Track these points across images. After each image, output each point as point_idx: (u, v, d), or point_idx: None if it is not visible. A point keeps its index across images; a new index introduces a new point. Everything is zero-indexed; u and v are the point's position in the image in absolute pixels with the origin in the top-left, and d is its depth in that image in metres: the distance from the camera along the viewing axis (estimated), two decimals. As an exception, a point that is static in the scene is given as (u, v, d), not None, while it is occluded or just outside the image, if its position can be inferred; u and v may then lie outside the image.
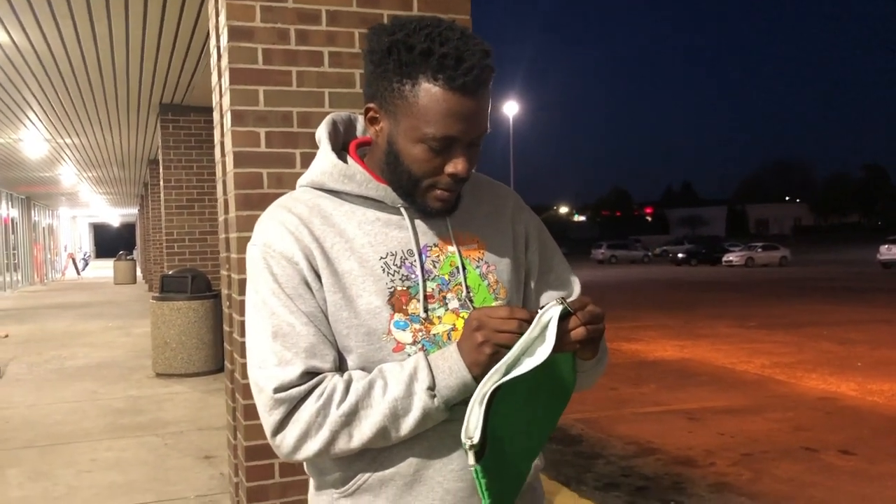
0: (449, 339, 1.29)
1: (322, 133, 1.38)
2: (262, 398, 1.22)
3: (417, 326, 1.28)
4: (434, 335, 1.28)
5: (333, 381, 1.21)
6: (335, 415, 1.19)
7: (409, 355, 1.27)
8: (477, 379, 1.19)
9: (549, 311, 1.15)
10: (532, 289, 1.47)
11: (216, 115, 3.39)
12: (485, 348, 1.17)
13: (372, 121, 1.27)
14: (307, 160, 3.04)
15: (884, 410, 6.88)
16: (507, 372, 1.13)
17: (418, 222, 1.33)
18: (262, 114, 3.01)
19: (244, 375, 3.01)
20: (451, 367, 1.20)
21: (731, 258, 45.23)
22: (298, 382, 1.20)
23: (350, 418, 1.19)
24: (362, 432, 1.19)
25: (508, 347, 1.16)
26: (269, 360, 1.22)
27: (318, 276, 1.26)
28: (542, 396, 1.24)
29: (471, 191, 1.39)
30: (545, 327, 1.15)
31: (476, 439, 1.11)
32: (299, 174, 1.42)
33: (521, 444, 1.25)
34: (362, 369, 1.27)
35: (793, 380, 8.43)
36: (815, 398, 7.51)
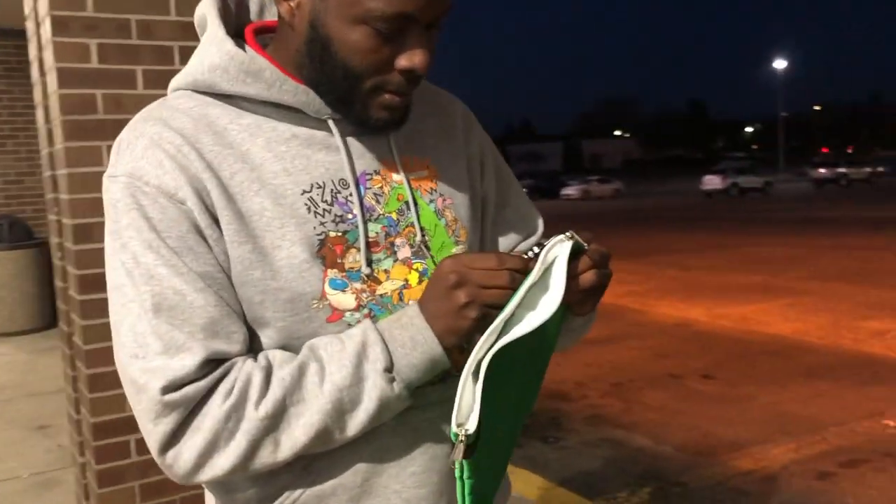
0: (401, 300, 0.97)
1: (208, 9, 0.99)
2: (144, 401, 0.86)
3: (359, 286, 0.94)
4: (381, 296, 0.96)
5: (246, 370, 0.88)
6: (253, 418, 0.86)
7: (350, 326, 0.94)
8: (450, 351, 0.89)
9: (555, 249, 0.86)
10: (488, 228, 1.15)
11: (30, 25, 2.77)
12: (469, 311, 0.87)
13: None
14: (153, 80, 2.53)
15: (732, 334, 7.19)
16: (503, 332, 0.82)
17: (351, 141, 0.98)
18: (92, 21, 2.46)
19: (87, 340, 2.52)
20: (413, 337, 0.90)
21: (569, 192, 47.09)
22: (196, 376, 0.86)
23: (275, 421, 0.87)
24: (294, 438, 0.87)
25: (498, 308, 0.85)
26: (150, 346, 0.86)
27: (216, 221, 0.90)
28: (530, 363, 0.93)
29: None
30: (547, 270, 0.86)
31: (472, 428, 0.81)
32: (145, 96, 1.00)
33: (507, 427, 0.94)
34: (284, 349, 0.93)
35: (647, 307, 8.69)
36: (671, 324, 7.77)
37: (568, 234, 0.87)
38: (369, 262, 0.96)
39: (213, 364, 0.87)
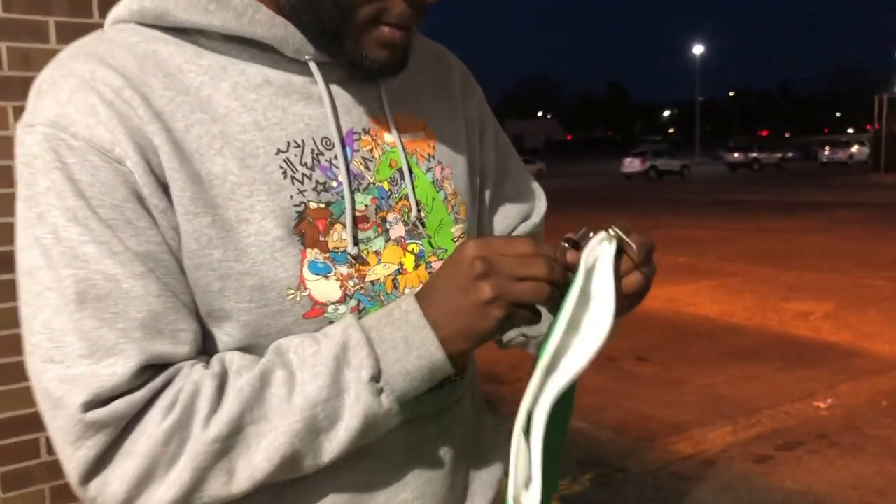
0: (395, 288, 0.80)
1: None
2: (61, 419, 0.67)
3: (346, 271, 0.76)
4: (372, 283, 0.78)
5: (194, 378, 0.69)
6: (202, 439, 0.68)
7: (332, 324, 0.76)
8: (455, 357, 0.72)
9: (596, 251, 0.69)
10: (485, 205, 0.98)
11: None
12: (493, 310, 0.69)
13: None
14: (67, 34, 2.24)
15: (663, 314, 7.22)
16: (552, 363, 0.66)
17: (336, 90, 0.79)
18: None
19: (-13, 326, 2.23)
20: (407, 338, 0.71)
21: (492, 171, 47.16)
22: (130, 386, 0.67)
23: (229, 443, 0.69)
24: (254, 466, 0.69)
25: (529, 307, 0.69)
26: (70, 348, 0.67)
27: (164, 187, 0.70)
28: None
29: None
30: (588, 278, 0.69)
31: (536, 500, 0.63)
32: (57, 51, 0.79)
33: (551, 472, 0.76)
34: (246, 350, 0.75)
35: (576, 288, 8.66)
36: (601, 305, 7.75)
37: (611, 231, 0.70)
38: (356, 241, 0.77)
39: (153, 371, 0.68)
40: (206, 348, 0.76)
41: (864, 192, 21.97)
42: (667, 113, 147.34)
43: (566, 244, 0.71)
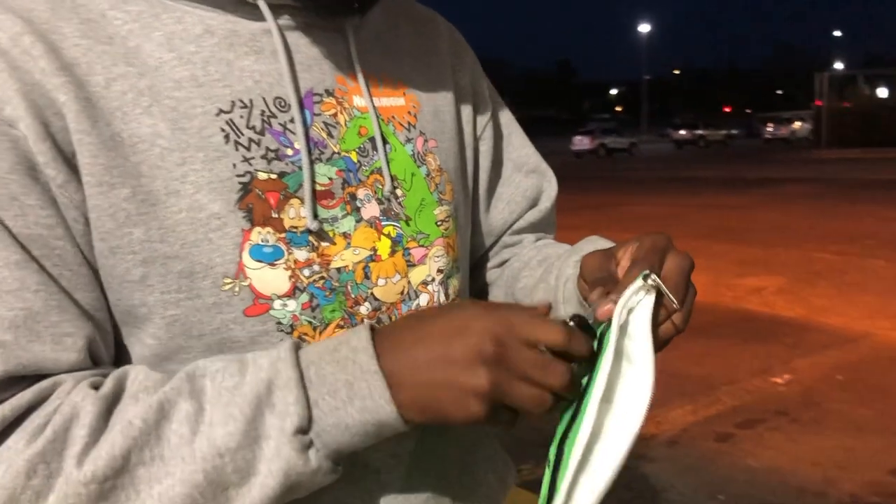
0: (366, 278, 0.68)
1: None
2: None
3: (305, 256, 0.65)
4: (338, 271, 0.66)
5: (74, 400, 0.58)
6: (73, 478, 0.55)
7: (280, 326, 0.64)
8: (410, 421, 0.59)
9: (632, 300, 0.60)
10: (481, 188, 0.87)
11: None
12: (477, 404, 0.58)
13: None
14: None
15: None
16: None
17: (294, 43, 0.67)
18: None
19: None
20: (351, 382, 0.59)
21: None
22: None
23: (111, 486, 0.56)
24: None
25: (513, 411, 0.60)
26: None
27: (68, 155, 0.60)
28: None
29: (381, 2, 0.74)
30: (622, 332, 0.59)
31: None
32: None
33: None
34: (175, 357, 0.65)
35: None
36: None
37: (650, 280, 0.59)
38: (316, 215, 0.65)
39: (24, 383, 0.56)
40: (133, 354, 0.64)
41: (808, 168, 22.42)
42: (614, 91, 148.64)
43: (573, 322, 0.59)
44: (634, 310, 0.59)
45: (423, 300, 0.74)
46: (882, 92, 37.33)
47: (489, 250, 0.94)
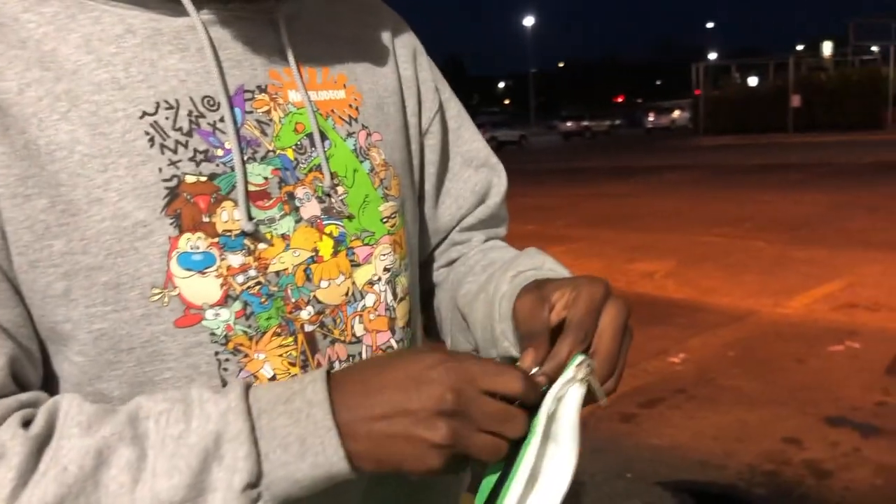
0: (308, 280, 0.66)
1: None
2: None
3: (240, 261, 0.62)
4: (276, 274, 0.64)
5: (1, 439, 0.53)
6: None
7: (214, 336, 0.61)
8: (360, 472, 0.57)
9: (563, 390, 0.60)
10: (428, 183, 0.86)
11: None
12: (436, 457, 0.56)
13: None
14: None
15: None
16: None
17: (221, 36, 0.64)
18: None
19: None
20: (303, 438, 0.55)
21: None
22: None
23: None
24: None
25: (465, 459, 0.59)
26: None
27: None
28: None
29: None
30: (550, 419, 0.60)
31: None
32: None
33: None
34: (105, 372, 0.61)
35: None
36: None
37: (585, 366, 0.60)
38: (250, 216, 0.63)
39: None
40: (62, 375, 0.60)
41: (688, 155, 23.38)
42: (501, 85, 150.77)
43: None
44: (564, 398, 0.59)
45: (370, 301, 0.72)
46: (752, 81, 39.33)
47: (436, 248, 0.92)
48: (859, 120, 27.15)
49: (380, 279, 0.73)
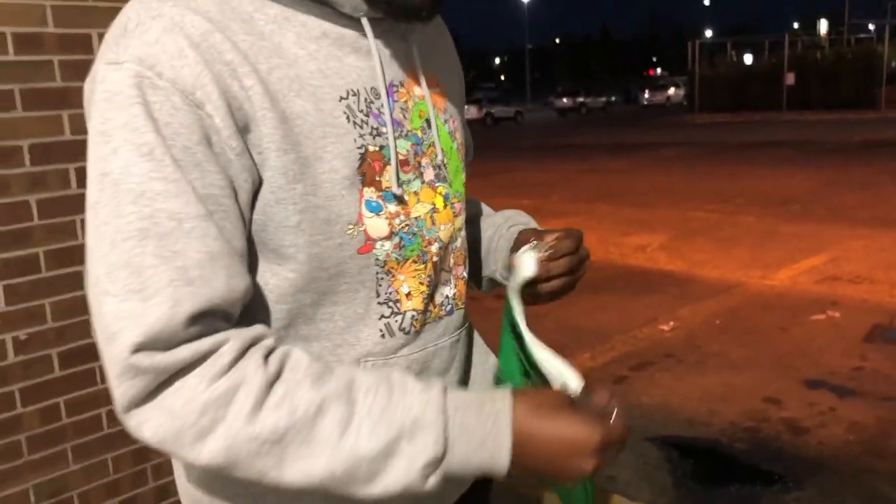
0: (433, 224, 0.89)
1: None
2: (112, 353, 0.69)
3: (394, 209, 0.84)
4: (416, 219, 0.87)
5: (246, 367, 0.71)
6: (238, 430, 0.70)
7: (378, 260, 0.83)
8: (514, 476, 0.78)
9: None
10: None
11: None
12: (574, 476, 0.78)
13: None
14: None
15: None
16: None
17: (379, 45, 0.85)
18: None
19: None
20: (484, 441, 0.75)
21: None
22: (178, 336, 0.68)
23: (267, 449, 0.71)
24: (285, 481, 0.73)
25: None
26: (122, 283, 0.68)
27: (245, 129, 0.74)
28: None
29: None
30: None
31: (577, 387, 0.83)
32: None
33: None
34: (304, 286, 0.82)
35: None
36: (456, 250, 7.98)
37: (531, 244, 0.94)
38: (399, 182, 0.84)
39: (203, 325, 0.70)
40: (267, 287, 0.81)
41: (682, 132, 23.58)
42: (497, 60, 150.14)
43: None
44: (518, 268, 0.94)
45: (458, 242, 0.96)
46: (748, 58, 39.35)
47: None
48: (853, 98, 27.34)
49: (464, 227, 0.97)
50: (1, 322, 2.13)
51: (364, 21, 0.82)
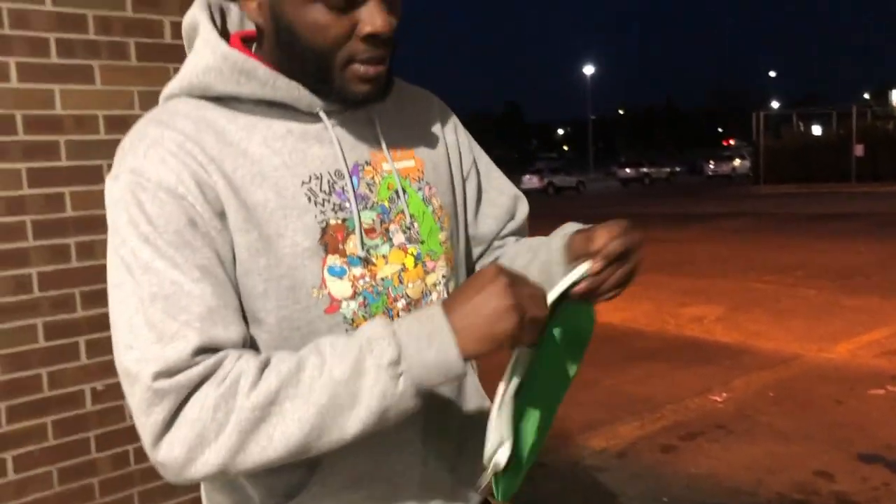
0: (401, 283, 1.02)
1: (201, 16, 1.01)
2: (137, 392, 0.86)
3: (358, 272, 0.98)
4: (382, 280, 1.00)
5: (242, 363, 0.88)
6: (244, 407, 0.85)
7: (345, 319, 0.98)
8: (468, 361, 0.90)
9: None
10: (470, 213, 1.22)
11: None
12: (510, 316, 0.87)
13: None
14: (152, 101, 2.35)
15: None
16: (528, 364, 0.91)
17: (342, 134, 1.02)
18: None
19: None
20: (430, 333, 0.88)
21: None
22: (190, 363, 0.86)
23: (267, 412, 0.86)
24: (288, 434, 0.86)
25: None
26: (143, 336, 0.86)
27: (221, 214, 0.92)
28: (557, 355, 1.00)
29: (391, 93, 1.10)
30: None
31: (503, 462, 0.87)
32: (139, 116, 1.01)
33: (537, 423, 1.00)
34: (279, 344, 0.97)
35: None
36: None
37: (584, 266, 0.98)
38: (364, 246, 0.99)
39: (209, 353, 0.87)
40: (254, 344, 0.96)
41: (745, 203, 23.30)
42: (560, 131, 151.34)
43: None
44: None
45: (434, 296, 1.08)
46: (815, 129, 38.85)
47: (482, 255, 1.28)
48: (925, 170, 26.65)
49: (439, 282, 1.09)
50: (82, 374, 2.36)
51: (322, 114, 1.00)
